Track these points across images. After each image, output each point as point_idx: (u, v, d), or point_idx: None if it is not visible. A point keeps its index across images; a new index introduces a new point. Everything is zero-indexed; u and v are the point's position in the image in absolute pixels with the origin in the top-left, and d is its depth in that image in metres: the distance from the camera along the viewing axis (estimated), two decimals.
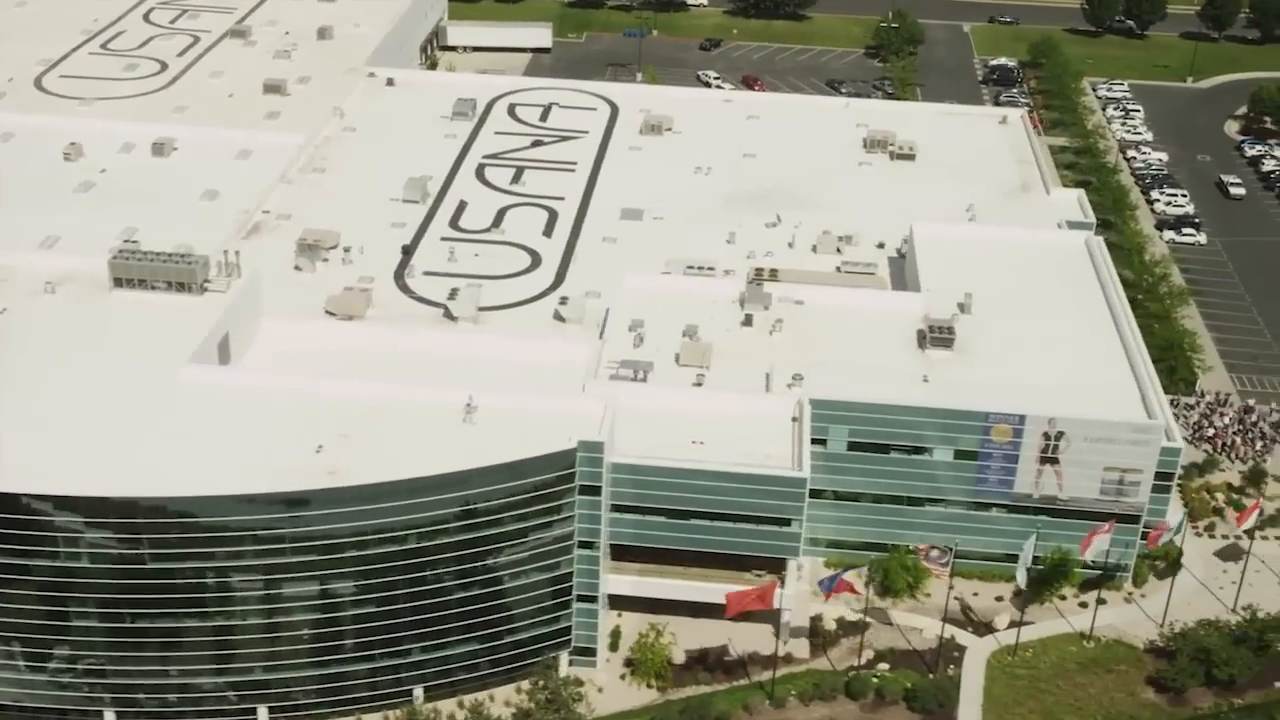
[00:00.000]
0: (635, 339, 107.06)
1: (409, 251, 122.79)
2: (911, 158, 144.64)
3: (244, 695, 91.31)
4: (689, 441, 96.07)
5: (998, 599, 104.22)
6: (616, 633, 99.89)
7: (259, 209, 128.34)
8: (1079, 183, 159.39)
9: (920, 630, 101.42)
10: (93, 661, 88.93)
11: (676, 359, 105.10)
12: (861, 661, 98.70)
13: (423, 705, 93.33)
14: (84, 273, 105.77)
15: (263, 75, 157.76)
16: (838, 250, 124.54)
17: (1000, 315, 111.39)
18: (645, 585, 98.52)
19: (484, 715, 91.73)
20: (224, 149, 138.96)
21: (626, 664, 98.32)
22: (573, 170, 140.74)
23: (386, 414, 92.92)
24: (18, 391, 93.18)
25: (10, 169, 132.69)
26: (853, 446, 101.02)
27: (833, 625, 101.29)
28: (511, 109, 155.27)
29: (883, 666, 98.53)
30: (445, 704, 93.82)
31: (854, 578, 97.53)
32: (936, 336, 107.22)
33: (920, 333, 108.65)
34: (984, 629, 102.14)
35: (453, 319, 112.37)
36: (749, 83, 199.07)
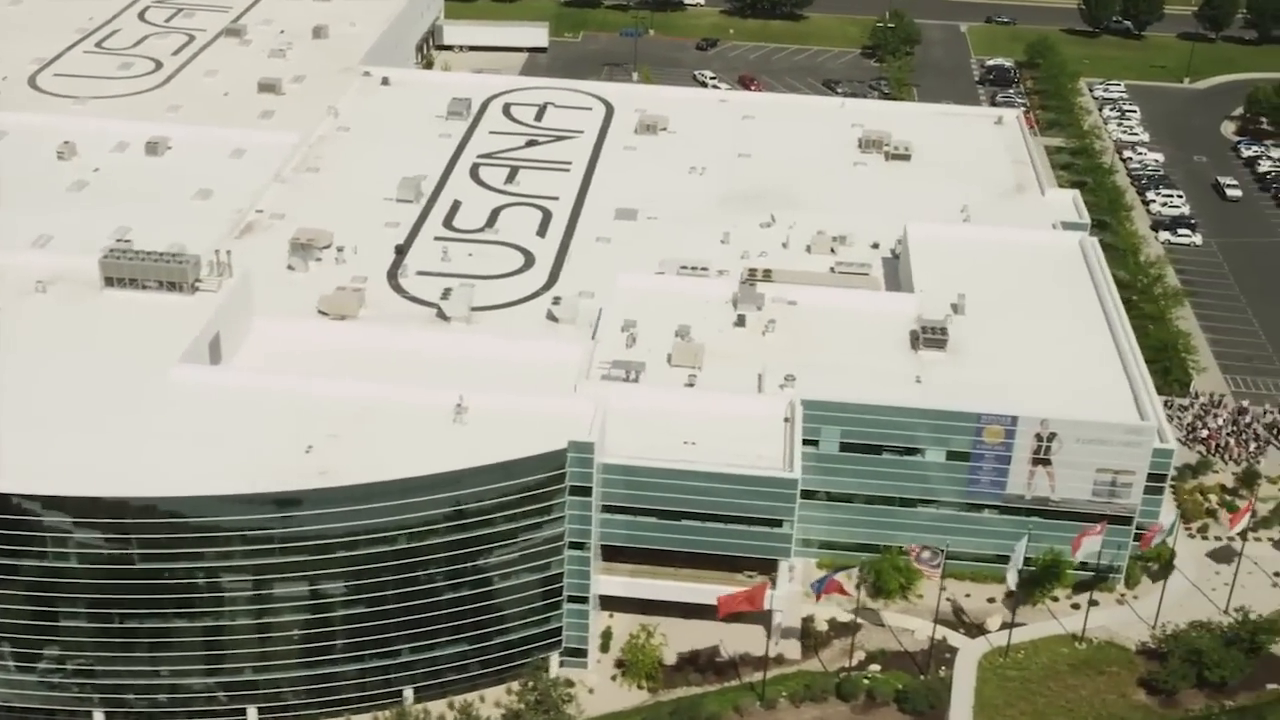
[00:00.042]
0: (628, 339, 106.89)
1: (402, 251, 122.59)
2: (907, 158, 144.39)
3: (233, 696, 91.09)
4: (680, 442, 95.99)
5: (990, 600, 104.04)
6: (608, 634, 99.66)
7: (252, 208, 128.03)
8: (1074, 183, 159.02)
9: (912, 631, 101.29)
10: (82, 662, 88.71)
11: (669, 359, 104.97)
12: (853, 663, 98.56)
13: (413, 706, 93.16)
14: (75, 272, 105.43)
15: (258, 74, 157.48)
16: (832, 250, 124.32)
17: (994, 316, 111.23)
18: (636, 586, 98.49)
19: (473, 716, 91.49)
20: (218, 148, 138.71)
21: (617, 665, 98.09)
22: (567, 170, 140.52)
23: (377, 414, 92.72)
24: (7, 391, 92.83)
25: (4, 168, 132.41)
26: (845, 447, 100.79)
27: (824, 626, 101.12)
28: (506, 108, 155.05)
29: (874, 668, 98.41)
30: (435, 705, 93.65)
31: (844, 579, 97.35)
32: (929, 337, 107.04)
33: (913, 333, 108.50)
34: (976, 630, 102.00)
35: (445, 319, 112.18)
36: (745, 82, 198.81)
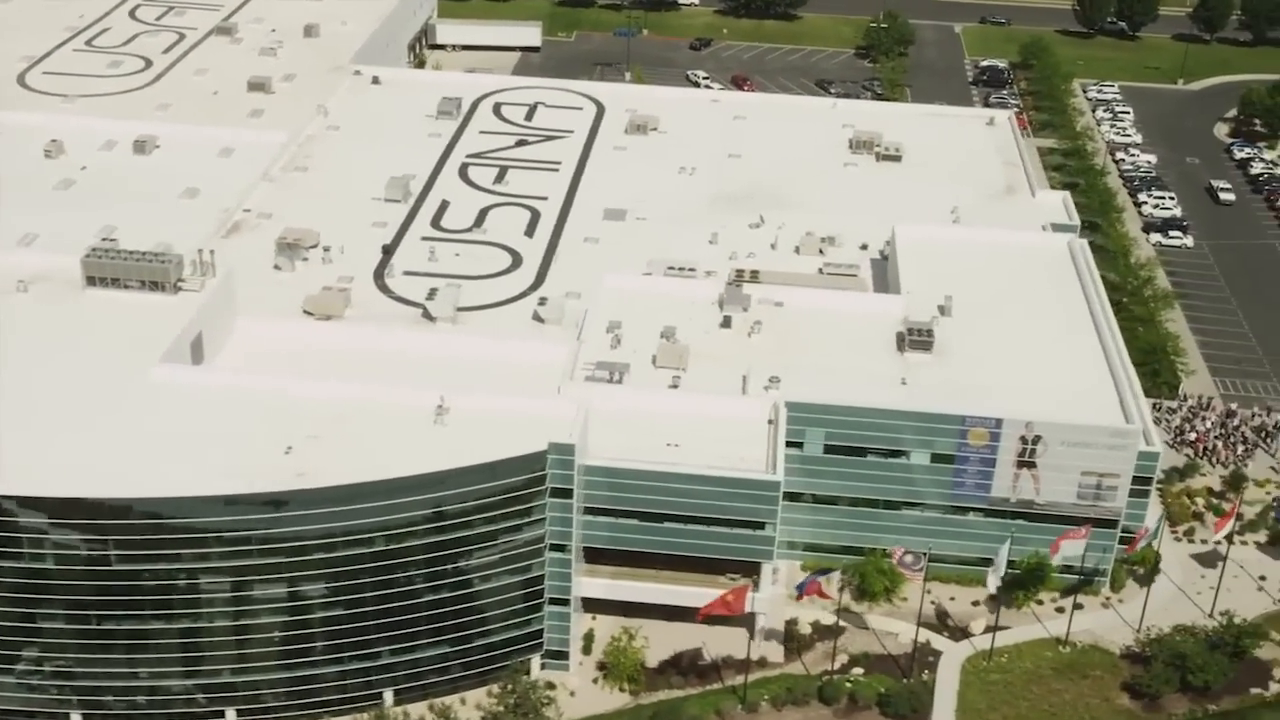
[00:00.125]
0: (613, 340, 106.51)
1: (389, 251, 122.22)
2: (897, 159, 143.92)
3: (212, 697, 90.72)
4: (663, 444, 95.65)
5: (974, 603, 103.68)
6: (590, 636, 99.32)
7: (240, 207, 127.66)
8: (1067, 185, 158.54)
9: (896, 635, 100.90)
10: (60, 663, 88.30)
11: (653, 361, 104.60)
12: (836, 666, 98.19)
13: (392, 708, 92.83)
14: (57, 271, 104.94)
15: (248, 73, 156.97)
16: (820, 251, 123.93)
17: (980, 318, 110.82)
18: (618, 588, 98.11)
19: (451, 719, 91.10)
20: (206, 147, 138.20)
21: (599, 667, 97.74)
22: (556, 170, 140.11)
23: (357, 415, 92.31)
24: None
25: None
26: (829, 449, 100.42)
27: (807, 629, 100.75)
28: (497, 108, 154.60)
29: (857, 671, 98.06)
30: (415, 707, 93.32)
31: (825, 581, 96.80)
32: (915, 339, 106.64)
33: (899, 335, 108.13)
34: (960, 634, 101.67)
35: (431, 319, 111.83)
36: (738, 83, 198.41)
